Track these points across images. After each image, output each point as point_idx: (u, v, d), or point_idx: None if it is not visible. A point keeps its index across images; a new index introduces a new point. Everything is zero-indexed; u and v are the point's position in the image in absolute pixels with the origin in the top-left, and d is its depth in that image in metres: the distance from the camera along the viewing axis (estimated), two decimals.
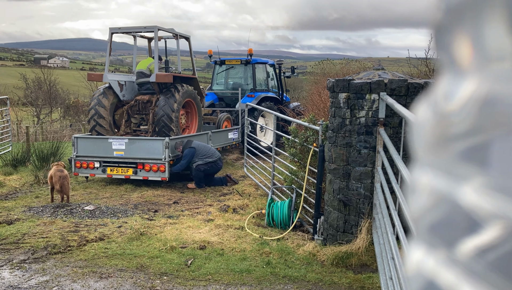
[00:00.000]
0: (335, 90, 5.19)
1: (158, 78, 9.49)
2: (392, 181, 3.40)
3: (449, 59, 0.36)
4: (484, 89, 0.32)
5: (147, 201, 8.05)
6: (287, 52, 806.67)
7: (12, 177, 9.90)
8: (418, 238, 0.38)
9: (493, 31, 0.31)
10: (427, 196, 0.37)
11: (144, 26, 10.14)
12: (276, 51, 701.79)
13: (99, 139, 9.32)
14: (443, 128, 0.36)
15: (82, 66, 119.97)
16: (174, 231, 6.13)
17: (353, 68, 16.70)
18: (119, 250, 5.46)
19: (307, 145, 6.57)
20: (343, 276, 4.73)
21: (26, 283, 4.56)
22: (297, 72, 19.01)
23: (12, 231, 6.14)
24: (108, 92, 9.91)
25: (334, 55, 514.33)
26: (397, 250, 3.19)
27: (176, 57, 10.85)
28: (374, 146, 4.83)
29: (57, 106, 29.84)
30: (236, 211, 7.33)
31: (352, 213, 5.10)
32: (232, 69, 14.60)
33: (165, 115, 9.35)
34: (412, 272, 0.38)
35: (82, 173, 9.37)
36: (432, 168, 0.37)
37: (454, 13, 0.35)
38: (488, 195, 0.31)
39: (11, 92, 29.64)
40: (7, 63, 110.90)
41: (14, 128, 18.46)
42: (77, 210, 7.32)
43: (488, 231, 0.31)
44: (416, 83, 4.77)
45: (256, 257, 5.28)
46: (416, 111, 0.40)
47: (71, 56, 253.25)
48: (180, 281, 4.62)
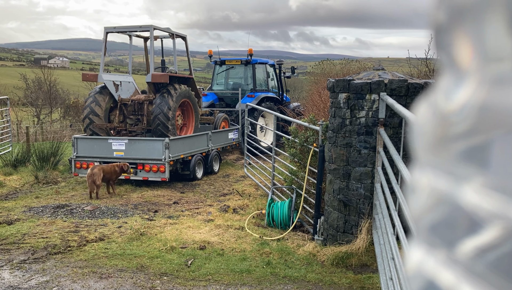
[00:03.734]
0: (335, 90, 5.19)
1: (154, 78, 9.46)
2: (392, 181, 3.40)
3: (449, 59, 0.36)
4: (484, 89, 0.32)
5: (147, 201, 8.05)
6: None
7: (12, 177, 9.90)
8: (418, 238, 0.38)
9: (493, 32, 0.31)
10: (427, 196, 0.37)
11: (139, 25, 10.07)
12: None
13: (99, 140, 9.31)
14: (443, 129, 0.36)
15: (82, 66, 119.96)
16: (174, 231, 6.13)
17: (353, 68, 16.70)
18: (119, 250, 5.46)
19: (307, 145, 6.57)
20: (343, 276, 4.73)
21: (26, 283, 4.56)
22: (297, 72, 19.02)
23: (12, 231, 6.14)
24: (104, 91, 9.88)
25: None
26: (397, 250, 3.19)
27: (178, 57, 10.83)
28: (374, 146, 4.83)
29: (57, 106, 29.83)
30: (236, 211, 7.32)
31: (352, 213, 5.10)
32: (232, 69, 14.61)
33: (161, 113, 9.28)
34: (412, 272, 0.38)
35: (82, 173, 9.37)
36: (432, 168, 0.37)
37: (454, 14, 0.35)
38: (488, 195, 0.31)
39: (11, 92, 29.63)
40: (7, 63, 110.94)
41: (14, 128, 18.45)
42: (77, 210, 7.32)
43: (488, 231, 0.31)
44: (416, 84, 4.77)
45: (256, 257, 5.28)
46: (416, 112, 0.40)
47: (71, 56, 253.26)
48: (180, 281, 4.62)
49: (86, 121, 9.80)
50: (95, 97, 9.76)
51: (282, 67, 14.87)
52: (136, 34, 10.85)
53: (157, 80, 9.52)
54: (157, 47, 11.07)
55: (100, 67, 10.54)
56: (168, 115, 9.33)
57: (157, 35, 10.70)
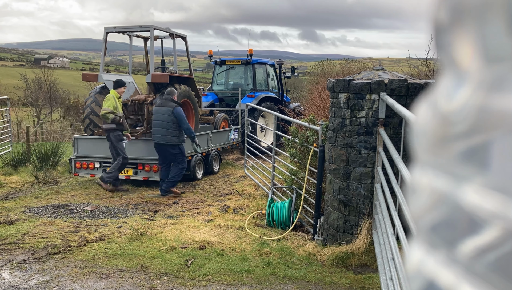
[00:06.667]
0: (335, 91, 5.19)
1: (154, 78, 9.46)
2: (392, 181, 3.40)
3: (449, 59, 0.36)
4: (484, 89, 0.32)
5: (147, 201, 8.05)
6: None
7: (12, 177, 9.90)
8: (418, 238, 0.38)
9: (493, 32, 0.31)
10: (427, 197, 0.37)
11: (139, 25, 10.06)
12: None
13: (99, 140, 9.31)
14: (443, 129, 0.36)
15: (82, 66, 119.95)
16: (174, 231, 6.13)
17: (353, 68, 16.71)
18: (119, 250, 5.46)
19: (307, 145, 6.57)
20: (343, 276, 4.73)
21: (26, 283, 4.56)
22: (297, 72, 19.02)
23: (12, 231, 6.14)
24: (104, 91, 9.88)
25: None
26: (397, 250, 3.19)
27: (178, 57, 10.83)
28: (374, 146, 4.83)
29: (57, 107, 29.84)
30: (236, 211, 7.33)
31: (352, 213, 5.10)
32: (232, 69, 14.61)
33: None
34: (412, 272, 0.38)
35: (82, 173, 9.37)
36: (432, 168, 0.37)
37: (454, 14, 0.35)
38: (488, 196, 0.31)
39: (11, 92, 29.62)
40: (7, 63, 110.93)
41: (14, 129, 18.46)
42: (77, 210, 7.32)
43: (488, 231, 0.31)
44: (416, 84, 4.77)
45: (256, 257, 5.28)
46: (416, 112, 0.40)
47: (71, 56, 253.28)
48: (180, 281, 4.62)
49: (86, 121, 9.80)
50: (95, 97, 9.75)
51: (282, 67, 14.88)
52: (136, 34, 10.84)
53: (157, 80, 9.51)
54: (157, 47, 11.07)
55: (100, 67, 10.53)
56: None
57: (157, 35, 10.69)
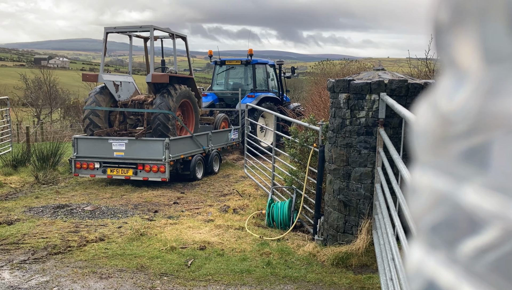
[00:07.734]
0: (335, 91, 5.19)
1: (154, 78, 9.45)
2: (392, 181, 3.40)
3: (449, 59, 0.36)
4: (484, 89, 0.32)
5: (147, 202, 8.05)
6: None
7: (12, 177, 9.91)
8: (418, 239, 0.38)
9: (493, 32, 0.31)
10: (427, 197, 0.37)
11: (139, 25, 10.07)
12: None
13: (99, 140, 9.31)
14: (443, 129, 0.36)
15: (82, 66, 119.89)
16: (174, 232, 6.13)
17: (353, 68, 16.70)
18: (119, 250, 5.46)
19: (307, 145, 6.57)
20: (343, 276, 4.73)
21: (26, 283, 4.56)
22: (297, 72, 19.03)
23: (12, 232, 6.14)
24: (104, 91, 9.88)
25: None
26: (397, 250, 3.19)
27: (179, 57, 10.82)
28: (374, 146, 4.83)
29: (57, 107, 29.83)
30: (236, 212, 7.32)
31: (352, 213, 5.10)
32: (232, 70, 14.62)
33: (162, 113, 9.30)
34: (412, 272, 0.38)
35: (82, 173, 9.37)
36: (432, 168, 0.37)
37: (455, 14, 0.35)
38: (488, 196, 0.31)
39: (11, 93, 29.61)
40: (7, 64, 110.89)
41: (14, 129, 18.45)
42: (77, 210, 7.32)
43: (488, 231, 0.31)
44: (416, 84, 4.77)
45: (256, 257, 5.28)
46: (416, 112, 0.40)
47: (71, 57, 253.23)
48: (180, 282, 4.62)
49: (86, 122, 9.80)
50: (95, 98, 9.75)
51: (282, 67, 14.89)
52: (136, 34, 10.84)
53: (157, 80, 9.51)
54: (157, 47, 11.07)
55: (100, 67, 10.53)
56: (168, 115, 9.32)
57: (157, 35, 10.69)
